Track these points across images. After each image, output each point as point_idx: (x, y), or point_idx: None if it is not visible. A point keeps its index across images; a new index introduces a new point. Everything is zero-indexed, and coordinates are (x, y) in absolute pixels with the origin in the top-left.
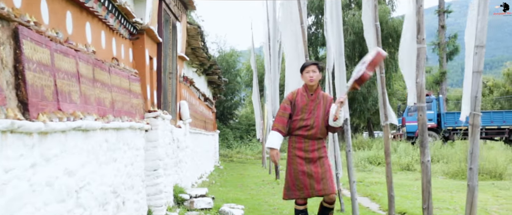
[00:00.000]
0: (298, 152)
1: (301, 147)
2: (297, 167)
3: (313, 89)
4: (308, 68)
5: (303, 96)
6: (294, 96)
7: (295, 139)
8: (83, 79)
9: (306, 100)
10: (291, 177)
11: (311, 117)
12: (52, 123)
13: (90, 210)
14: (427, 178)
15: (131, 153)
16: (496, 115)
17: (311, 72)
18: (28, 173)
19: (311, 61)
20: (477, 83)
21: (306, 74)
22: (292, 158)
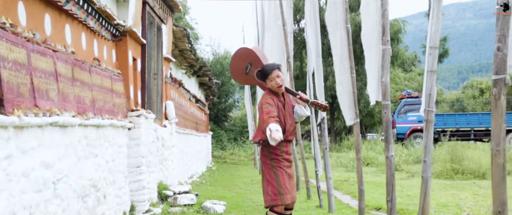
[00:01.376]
0: (286, 156)
1: (287, 151)
2: (286, 170)
3: (281, 93)
4: (272, 75)
5: (279, 101)
6: (274, 101)
7: (282, 144)
8: (61, 78)
9: (282, 105)
10: (284, 180)
11: (286, 119)
12: (27, 117)
13: (67, 201)
14: (390, 172)
15: (113, 149)
16: (485, 116)
17: (276, 78)
18: (4, 163)
19: (272, 65)
20: (431, 82)
21: (272, 82)
22: (282, 161)
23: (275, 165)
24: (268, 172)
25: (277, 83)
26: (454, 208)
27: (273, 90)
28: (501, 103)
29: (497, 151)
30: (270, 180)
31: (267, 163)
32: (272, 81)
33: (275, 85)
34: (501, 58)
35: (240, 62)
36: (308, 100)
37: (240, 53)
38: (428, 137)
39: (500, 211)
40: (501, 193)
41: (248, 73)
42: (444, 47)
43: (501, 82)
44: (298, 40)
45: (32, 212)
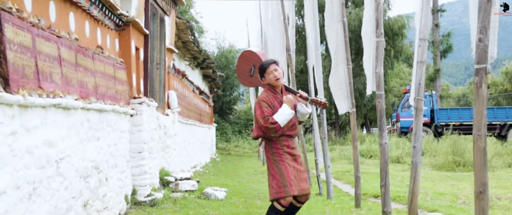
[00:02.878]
0: (287, 149)
1: (289, 145)
2: (290, 163)
3: (280, 88)
4: (269, 69)
5: (276, 98)
6: (270, 98)
7: (282, 138)
8: (65, 63)
9: (280, 101)
10: (287, 172)
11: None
12: (32, 97)
13: (70, 180)
14: (384, 159)
15: (115, 134)
16: (488, 111)
17: (273, 71)
18: (8, 139)
19: (269, 61)
20: (421, 72)
21: (270, 76)
22: (283, 154)
23: (277, 159)
24: (271, 167)
25: (275, 76)
26: (450, 196)
27: (272, 84)
28: (482, 91)
29: (478, 136)
30: (273, 174)
31: (270, 157)
32: (270, 74)
33: (273, 78)
34: (482, 49)
35: (245, 64)
36: (307, 97)
37: (245, 56)
38: (418, 124)
39: (481, 191)
40: (482, 175)
41: (252, 75)
42: (448, 42)
43: (483, 71)
44: (302, 35)
45: (36, 187)
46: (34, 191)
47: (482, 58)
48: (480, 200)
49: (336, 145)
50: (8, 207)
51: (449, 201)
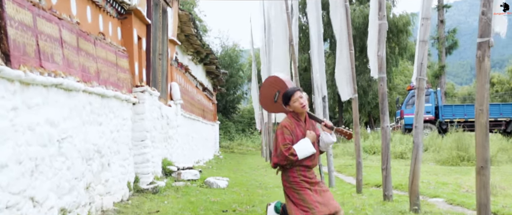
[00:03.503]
0: (304, 178)
1: (305, 175)
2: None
3: (304, 116)
4: (295, 96)
5: (298, 125)
6: (293, 126)
7: (299, 169)
8: (66, 45)
9: (303, 129)
10: (310, 197)
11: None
12: (33, 74)
13: (72, 161)
14: (386, 142)
15: (117, 121)
16: (493, 107)
17: (299, 99)
18: (10, 114)
19: (293, 88)
20: (423, 52)
21: (295, 103)
22: (301, 182)
23: (295, 186)
24: (291, 194)
25: (301, 103)
26: (453, 186)
27: (297, 111)
28: (485, 65)
29: (480, 110)
30: (295, 201)
31: (287, 186)
32: (296, 102)
33: (299, 106)
34: (485, 22)
35: (269, 90)
36: (332, 127)
37: (269, 81)
38: (420, 104)
39: (482, 166)
40: (484, 150)
41: (276, 101)
42: (453, 38)
43: (485, 45)
44: (306, 33)
45: (38, 164)
46: (36, 168)
47: (485, 31)
48: (481, 176)
49: (340, 143)
50: (10, 180)
51: (451, 190)
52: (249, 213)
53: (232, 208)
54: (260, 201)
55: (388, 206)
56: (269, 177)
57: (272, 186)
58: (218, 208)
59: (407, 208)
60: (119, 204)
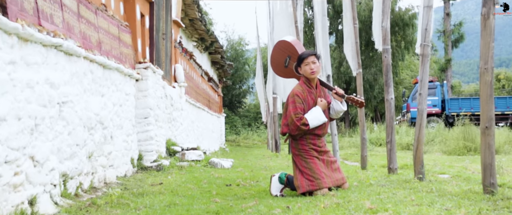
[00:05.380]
0: (314, 147)
1: (315, 144)
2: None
3: (315, 82)
4: (308, 60)
5: (310, 93)
6: (305, 94)
7: (309, 137)
8: (66, 9)
9: (314, 97)
10: (316, 165)
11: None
12: (30, 29)
13: (73, 126)
14: (390, 115)
15: (120, 95)
16: (500, 101)
17: (311, 63)
18: (8, 67)
19: (308, 51)
20: (427, 17)
21: (306, 67)
22: (310, 150)
23: (304, 155)
24: (299, 162)
25: (311, 68)
26: (459, 168)
27: (307, 77)
28: (490, 22)
29: (485, 69)
30: (301, 168)
31: (296, 153)
32: (307, 66)
33: (308, 70)
34: None
35: (280, 55)
36: (344, 95)
37: (279, 46)
38: (424, 70)
39: (487, 126)
40: (489, 109)
41: (287, 66)
42: (459, 32)
43: (491, 2)
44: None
45: (37, 123)
46: (36, 127)
47: None
48: (486, 136)
49: (346, 137)
50: (9, 135)
51: (457, 171)
52: (253, 187)
53: (236, 182)
54: (264, 177)
55: (392, 177)
56: (274, 162)
57: (278, 169)
58: (221, 182)
59: (412, 178)
60: (123, 178)
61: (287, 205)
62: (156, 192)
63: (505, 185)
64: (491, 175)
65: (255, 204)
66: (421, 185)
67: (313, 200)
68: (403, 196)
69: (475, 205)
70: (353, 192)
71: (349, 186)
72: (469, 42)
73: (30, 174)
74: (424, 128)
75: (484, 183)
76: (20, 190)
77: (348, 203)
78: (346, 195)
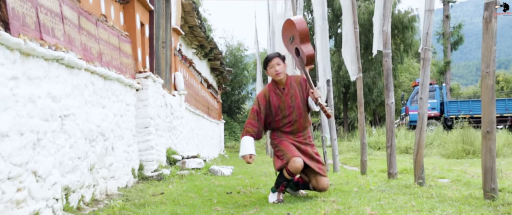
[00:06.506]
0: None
1: (289, 138)
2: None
3: (283, 82)
4: (272, 62)
5: (276, 94)
6: (267, 96)
7: (281, 133)
8: (67, 21)
9: (281, 97)
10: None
11: (292, 112)
12: (32, 43)
13: (75, 139)
14: (390, 119)
15: (120, 105)
16: (499, 103)
17: (275, 65)
18: (10, 83)
19: (272, 54)
20: (429, 21)
21: (271, 70)
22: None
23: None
24: (274, 149)
25: (276, 70)
26: (459, 172)
27: (273, 79)
28: (492, 25)
29: (487, 72)
30: (276, 153)
31: (272, 145)
32: (272, 68)
33: (273, 72)
34: None
35: (287, 32)
36: (317, 99)
37: (285, 27)
38: (425, 74)
39: (488, 131)
40: (490, 113)
41: (291, 44)
42: (458, 34)
43: (493, 5)
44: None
45: (40, 138)
46: (38, 142)
47: None
48: (487, 140)
49: (345, 141)
50: (12, 151)
51: (457, 174)
52: (253, 194)
53: (236, 190)
54: (264, 183)
55: (392, 182)
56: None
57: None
58: (222, 190)
59: (412, 183)
60: (124, 189)
61: (288, 212)
62: (158, 202)
63: (505, 189)
64: (492, 180)
65: (256, 211)
66: (421, 190)
67: (314, 207)
68: (403, 201)
69: (475, 211)
70: (353, 198)
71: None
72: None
73: (33, 189)
74: (425, 132)
75: (485, 188)
76: (23, 206)
77: (349, 209)
78: (347, 201)
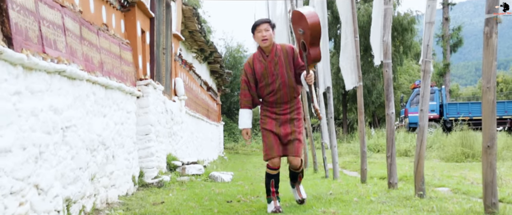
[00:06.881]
0: (270, 114)
1: (273, 111)
2: (267, 126)
3: (269, 49)
4: (260, 27)
5: (259, 61)
6: (251, 64)
7: (266, 104)
8: (69, 33)
9: (264, 64)
10: (269, 139)
11: (275, 80)
12: (35, 58)
13: (76, 150)
14: (390, 128)
15: (121, 113)
16: (498, 105)
17: (263, 31)
18: (13, 98)
19: (262, 19)
20: (429, 33)
21: (258, 34)
22: (264, 118)
23: (263, 127)
24: (261, 132)
25: (263, 35)
26: (458, 178)
27: (259, 45)
28: (493, 41)
29: (487, 88)
30: (263, 138)
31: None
32: (259, 33)
33: (260, 37)
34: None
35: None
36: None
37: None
38: (425, 87)
39: (489, 146)
40: (490, 128)
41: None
42: (458, 36)
43: (493, 21)
44: None
45: (42, 151)
46: (41, 155)
47: (492, 6)
48: (488, 155)
49: (344, 143)
50: (15, 166)
51: (456, 182)
52: (253, 203)
53: (236, 198)
54: (264, 191)
55: (393, 193)
56: None
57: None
58: (222, 198)
59: (412, 195)
60: (124, 198)
61: None
62: (158, 212)
63: (505, 199)
64: (493, 194)
65: None
66: (422, 202)
67: None
68: None
69: None
70: (354, 210)
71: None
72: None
73: (35, 202)
74: (425, 144)
75: (485, 203)
76: None
77: None
78: (347, 213)
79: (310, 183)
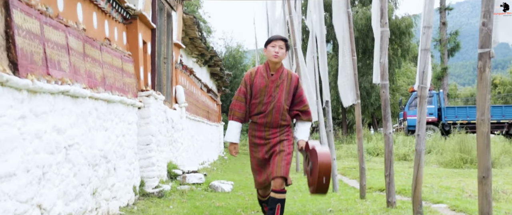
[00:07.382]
0: (259, 141)
1: (262, 136)
2: (257, 154)
3: (276, 68)
4: (275, 43)
5: (262, 77)
6: (252, 76)
7: (254, 127)
8: (73, 52)
9: (265, 81)
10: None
11: (270, 102)
12: (40, 82)
13: (79, 167)
14: (388, 148)
15: (123, 125)
16: (495, 109)
17: (277, 47)
18: (18, 123)
19: (278, 36)
20: (425, 60)
21: (271, 49)
22: (253, 146)
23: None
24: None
25: (276, 51)
26: (456, 190)
27: (270, 60)
28: (486, 75)
29: (481, 120)
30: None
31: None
32: (273, 48)
33: (272, 52)
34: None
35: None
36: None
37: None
38: (422, 111)
39: (484, 176)
40: (485, 160)
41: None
42: (455, 41)
43: (486, 56)
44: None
45: (45, 171)
46: (44, 175)
47: (486, 42)
48: (483, 185)
49: (343, 144)
50: (19, 189)
51: (454, 194)
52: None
53: (237, 213)
54: None
55: (391, 212)
56: None
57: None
58: (223, 213)
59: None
60: (125, 209)
61: None
62: None
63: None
64: None
65: None
66: None
67: None
68: None
69: None
70: None
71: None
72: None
73: None
74: (423, 167)
75: None
76: None
77: None
78: None
79: (309, 197)
